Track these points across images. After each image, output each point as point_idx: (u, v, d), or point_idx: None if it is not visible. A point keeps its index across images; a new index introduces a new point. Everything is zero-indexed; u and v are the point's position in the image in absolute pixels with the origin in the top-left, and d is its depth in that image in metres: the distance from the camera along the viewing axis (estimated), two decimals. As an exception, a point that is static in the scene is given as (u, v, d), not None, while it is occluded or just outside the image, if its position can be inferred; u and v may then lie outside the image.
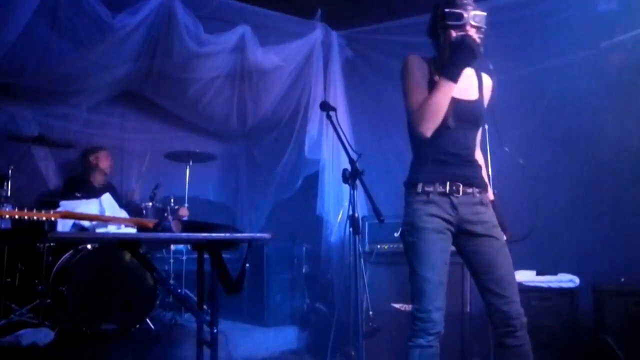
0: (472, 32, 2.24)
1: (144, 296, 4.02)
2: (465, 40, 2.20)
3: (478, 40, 2.23)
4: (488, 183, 2.53)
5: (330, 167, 5.02)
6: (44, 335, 3.69)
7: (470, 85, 2.42)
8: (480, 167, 2.45)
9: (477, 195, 2.35)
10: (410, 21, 4.68)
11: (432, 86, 2.29)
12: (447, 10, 2.27)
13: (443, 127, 2.26)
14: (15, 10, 3.90)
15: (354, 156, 2.80)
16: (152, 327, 4.20)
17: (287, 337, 4.52)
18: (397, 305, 3.88)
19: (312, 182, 5.19)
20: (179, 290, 4.69)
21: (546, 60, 4.39)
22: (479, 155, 2.54)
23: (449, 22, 2.27)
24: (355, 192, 2.77)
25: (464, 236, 2.33)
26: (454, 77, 2.21)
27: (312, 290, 4.96)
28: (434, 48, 2.42)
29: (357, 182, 2.75)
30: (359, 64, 5.31)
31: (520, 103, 4.37)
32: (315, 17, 5.13)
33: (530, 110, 4.46)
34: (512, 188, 3.08)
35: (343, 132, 2.90)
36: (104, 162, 5.08)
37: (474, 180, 2.35)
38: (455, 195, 2.29)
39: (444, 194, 2.29)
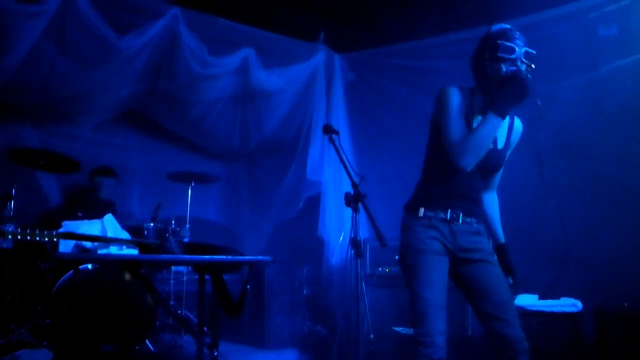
0: (523, 67, 2.20)
1: (143, 317, 3.99)
2: (518, 75, 2.14)
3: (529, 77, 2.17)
4: (500, 225, 2.56)
5: (332, 189, 5.03)
6: (43, 356, 3.65)
7: (501, 131, 2.38)
8: (481, 204, 2.46)
9: (475, 225, 2.37)
10: (412, 45, 4.74)
11: (467, 120, 2.26)
12: (500, 42, 2.22)
13: (460, 169, 2.21)
14: (23, 31, 3.96)
15: (356, 179, 2.80)
16: (152, 348, 4.17)
17: (287, 359, 4.49)
18: (398, 329, 3.85)
19: (314, 204, 5.19)
20: (179, 312, 4.66)
21: (546, 85, 4.42)
22: (492, 198, 2.56)
23: (501, 55, 2.21)
24: (357, 216, 2.77)
25: (460, 263, 2.34)
26: (502, 113, 2.15)
27: (313, 312, 4.93)
28: (475, 78, 2.35)
29: (359, 205, 2.74)
30: (361, 86, 5.36)
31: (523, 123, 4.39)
32: (318, 40, 5.19)
33: (531, 134, 4.47)
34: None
35: (345, 155, 2.91)
36: (105, 189, 4.98)
37: (473, 211, 2.38)
38: (455, 223, 2.32)
39: (444, 220, 2.31)
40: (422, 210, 2.33)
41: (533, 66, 2.22)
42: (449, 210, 2.31)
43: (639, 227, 4.08)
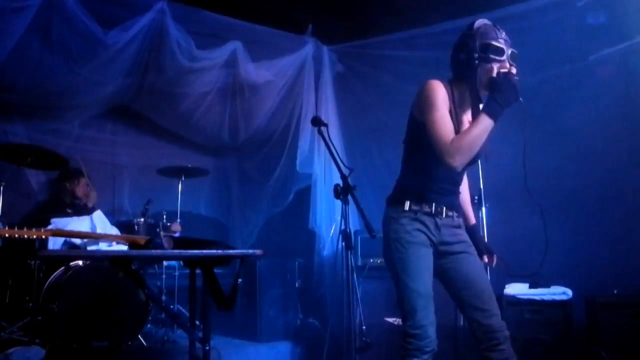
0: (514, 70, 2.20)
1: (135, 313, 3.97)
2: (511, 79, 2.15)
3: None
4: (471, 207, 2.67)
5: (322, 181, 5.03)
6: (35, 353, 3.63)
7: None
8: (459, 195, 2.52)
9: (456, 219, 2.42)
10: (400, 36, 4.73)
11: (451, 115, 2.23)
12: (491, 42, 2.21)
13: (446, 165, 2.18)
14: (7, 26, 3.90)
15: (345, 171, 2.80)
16: (145, 344, 4.16)
17: (280, 352, 4.49)
18: (390, 320, 3.88)
19: (304, 197, 5.19)
20: (172, 307, 4.65)
21: (534, 74, 4.43)
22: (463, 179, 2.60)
23: (491, 55, 2.20)
24: (347, 207, 2.77)
25: (442, 256, 2.38)
26: (495, 116, 2.14)
27: (305, 305, 4.94)
28: (458, 73, 2.32)
29: (349, 197, 2.75)
30: (350, 78, 5.35)
31: (508, 116, 4.40)
32: (306, 32, 5.18)
33: (519, 124, 4.48)
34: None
35: (334, 147, 2.90)
36: (80, 189, 4.73)
37: (454, 205, 2.43)
38: (439, 216, 2.35)
39: (429, 214, 2.34)
40: (407, 204, 2.34)
41: (516, 67, 2.23)
42: (434, 204, 2.33)
43: (627, 215, 4.11)
